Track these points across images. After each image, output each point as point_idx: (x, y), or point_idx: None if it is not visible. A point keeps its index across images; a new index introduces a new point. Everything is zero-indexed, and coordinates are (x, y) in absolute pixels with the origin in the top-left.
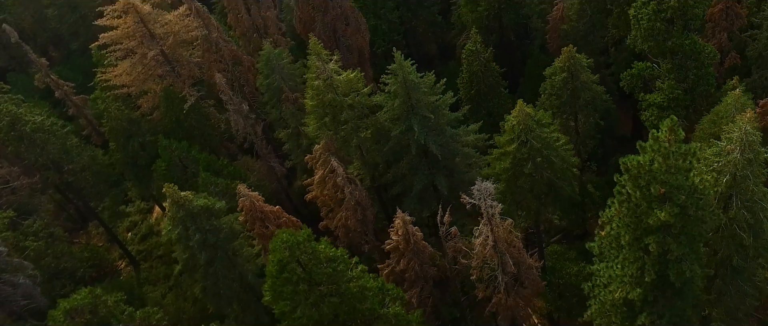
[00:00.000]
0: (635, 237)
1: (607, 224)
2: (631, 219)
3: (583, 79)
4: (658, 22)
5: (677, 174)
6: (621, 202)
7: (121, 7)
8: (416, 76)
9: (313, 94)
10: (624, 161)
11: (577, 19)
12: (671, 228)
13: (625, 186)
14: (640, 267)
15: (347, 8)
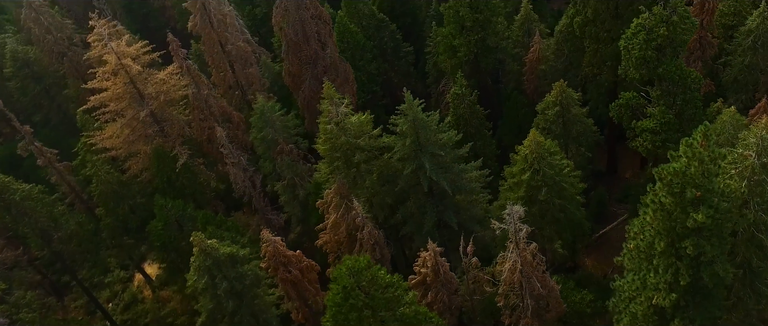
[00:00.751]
0: (669, 242)
1: (636, 237)
2: (665, 225)
3: (574, 113)
4: (649, 50)
5: (710, 178)
6: (654, 211)
7: (112, 68)
8: (424, 115)
9: (326, 138)
10: (658, 171)
11: (555, 58)
12: (704, 230)
13: (657, 194)
14: (675, 272)
15: (336, 59)
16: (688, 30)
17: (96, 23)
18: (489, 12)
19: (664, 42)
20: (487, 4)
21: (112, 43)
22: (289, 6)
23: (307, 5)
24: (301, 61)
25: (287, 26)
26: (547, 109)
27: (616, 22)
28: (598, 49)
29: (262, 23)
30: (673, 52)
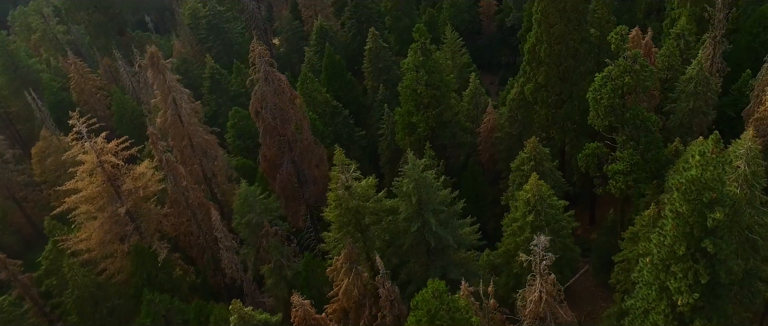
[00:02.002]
0: (688, 246)
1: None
2: (684, 231)
3: (546, 166)
4: (616, 98)
5: (722, 181)
6: (673, 219)
7: (89, 167)
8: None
9: (337, 204)
10: (673, 182)
11: (509, 125)
12: (718, 230)
13: (674, 204)
14: (694, 273)
15: (311, 141)
16: (648, 77)
17: (76, 121)
18: (444, 88)
19: (629, 89)
20: (442, 80)
21: (91, 141)
22: (267, 91)
23: (284, 89)
24: (278, 145)
25: (265, 111)
26: (522, 165)
27: (564, 85)
28: (548, 112)
29: (212, 120)
30: (636, 99)
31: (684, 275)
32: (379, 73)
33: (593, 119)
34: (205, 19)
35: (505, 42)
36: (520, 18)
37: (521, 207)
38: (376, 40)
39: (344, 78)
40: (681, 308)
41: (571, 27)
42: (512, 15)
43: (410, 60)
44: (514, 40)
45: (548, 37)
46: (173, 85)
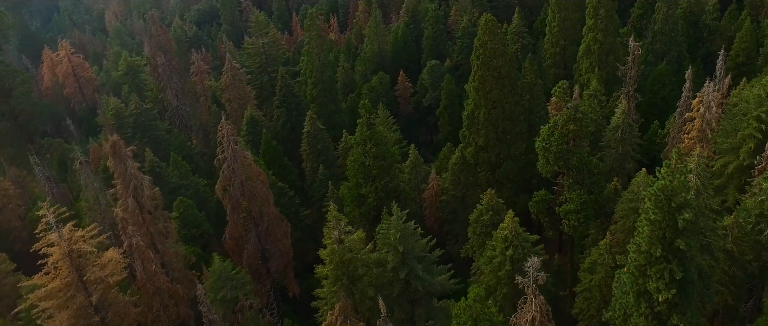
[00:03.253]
0: (663, 247)
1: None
2: (658, 235)
3: (502, 216)
4: (563, 144)
5: (686, 187)
6: (648, 225)
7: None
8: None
9: (332, 258)
10: (646, 193)
11: (453, 188)
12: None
13: (648, 213)
14: (670, 271)
15: (277, 216)
16: (590, 123)
17: (46, 211)
18: (390, 159)
19: (573, 136)
20: (387, 152)
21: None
22: (235, 167)
23: (250, 165)
24: (244, 222)
25: (233, 188)
26: (481, 216)
27: (502, 146)
28: (488, 172)
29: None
30: (579, 145)
31: (661, 275)
32: (318, 153)
33: (542, 166)
34: (131, 118)
35: (422, 121)
36: (438, 97)
37: (499, 245)
38: (314, 122)
39: (282, 162)
40: (659, 307)
41: (506, 92)
42: (429, 95)
43: (357, 134)
44: (432, 118)
45: (486, 102)
46: (134, 172)
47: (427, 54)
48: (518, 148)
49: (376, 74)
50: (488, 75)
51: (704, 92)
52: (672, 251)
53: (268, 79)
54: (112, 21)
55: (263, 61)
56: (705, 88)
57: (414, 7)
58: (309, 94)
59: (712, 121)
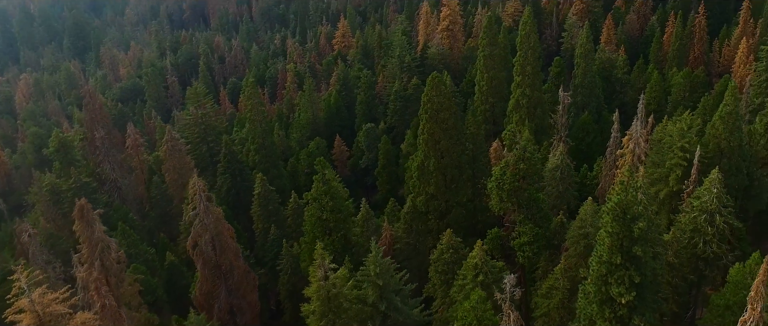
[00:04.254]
0: (622, 255)
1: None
2: (616, 244)
3: (461, 253)
4: (515, 181)
5: (638, 201)
6: (608, 237)
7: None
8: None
9: (318, 295)
10: (605, 208)
11: (407, 236)
12: (640, 239)
13: (606, 226)
14: (629, 276)
15: (246, 268)
16: (537, 162)
17: (19, 276)
18: (346, 212)
19: (524, 174)
20: (343, 206)
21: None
22: (207, 222)
23: (221, 220)
24: (213, 277)
25: (204, 243)
26: (442, 254)
27: (450, 193)
28: (438, 218)
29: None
30: (530, 182)
31: (622, 280)
32: (269, 214)
33: (495, 204)
34: (70, 192)
35: (359, 182)
36: (375, 158)
37: (469, 273)
38: (265, 184)
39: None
40: (621, 311)
41: (452, 142)
42: (365, 156)
43: (314, 190)
44: (370, 178)
45: (435, 152)
46: (101, 235)
47: (360, 118)
48: (465, 194)
49: (312, 140)
50: (436, 127)
51: (633, 130)
52: (630, 258)
53: (207, 149)
54: (23, 103)
55: (202, 131)
56: (633, 127)
57: (344, 76)
58: (251, 159)
59: (641, 154)
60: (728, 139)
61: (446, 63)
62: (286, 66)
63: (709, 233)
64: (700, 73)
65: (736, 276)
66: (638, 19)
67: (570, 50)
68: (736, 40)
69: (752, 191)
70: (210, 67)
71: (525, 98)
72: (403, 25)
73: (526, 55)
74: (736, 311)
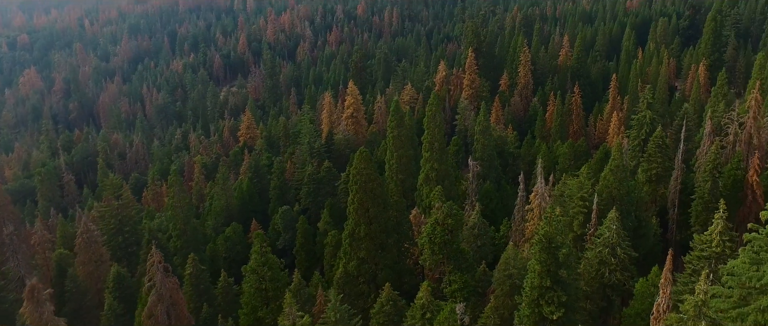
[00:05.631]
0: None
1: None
2: (545, 269)
3: (400, 305)
4: (445, 235)
5: (560, 231)
6: (538, 263)
7: None
8: None
9: None
10: (534, 240)
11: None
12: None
13: (536, 256)
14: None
15: None
16: (461, 218)
17: None
18: (282, 282)
19: (451, 228)
20: (279, 276)
21: None
22: (163, 292)
23: (176, 288)
24: None
25: (159, 313)
26: (383, 307)
27: (381, 254)
28: (369, 284)
29: None
30: (457, 235)
31: (551, 300)
32: (201, 293)
33: (427, 258)
34: None
35: None
36: (292, 238)
37: (417, 313)
38: (197, 264)
39: None
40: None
41: (380, 209)
42: (282, 238)
43: (252, 262)
44: (288, 258)
45: (365, 219)
46: (50, 316)
47: (274, 202)
48: (392, 257)
49: (228, 226)
50: (365, 196)
51: (537, 187)
52: (557, 281)
53: (123, 239)
54: None
55: (117, 222)
56: (538, 186)
57: (255, 164)
58: (173, 245)
59: (547, 207)
60: (618, 188)
61: (352, 147)
62: (194, 158)
63: (613, 263)
64: (582, 143)
65: (641, 288)
66: (522, 101)
67: (464, 131)
68: (607, 115)
69: (641, 231)
70: (109, 163)
71: (434, 172)
72: (309, 115)
73: (433, 133)
74: (645, 317)
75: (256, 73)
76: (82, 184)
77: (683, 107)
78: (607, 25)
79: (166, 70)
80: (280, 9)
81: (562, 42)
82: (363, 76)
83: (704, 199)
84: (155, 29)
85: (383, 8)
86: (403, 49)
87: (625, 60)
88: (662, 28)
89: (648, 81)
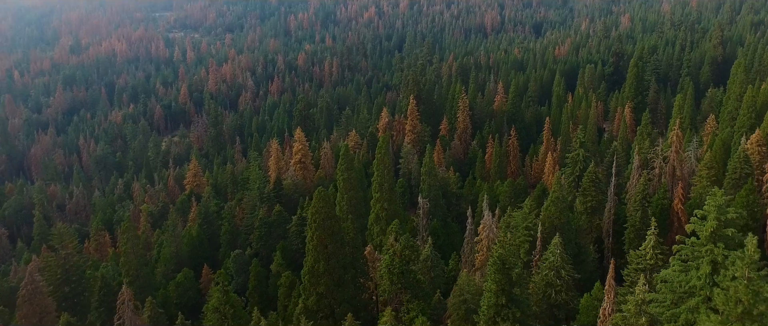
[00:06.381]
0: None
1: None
2: (500, 288)
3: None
4: (403, 265)
5: (515, 254)
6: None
7: None
8: None
9: None
10: (489, 263)
11: None
12: (517, 282)
13: (493, 277)
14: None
15: None
16: (417, 250)
17: None
18: (244, 319)
19: (408, 259)
20: (241, 312)
21: None
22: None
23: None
24: None
25: None
26: None
27: (339, 289)
28: (328, 319)
29: None
30: (414, 266)
31: (507, 317)
32: None
33: (386, 288)
34: None
35: None
36: (245, 281)
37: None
38: (155, 307)
39: None
40: None
41: (338, 246)
42: (234, 281)
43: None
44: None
45: (324, 255)
46: None
47: (225, 247)
48: (350, 292)
49: (178, 272)
50: (324, 233)
51: (485, 220)
52: (511, 299)
53: (70, 290)
54: None
55: (64, 272)
56: (485, 218)
57: (205, 211)
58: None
59: (494, 238)
60: (559, 217)
61: (300, 192)
62: (140, 207)
63: (559, 284)
64: (521, 181)
65: (586, 302)
66: (461, 144)
67: (408, 173)
68: (542, 155)
69: (581, 257)
70: (47, 215)
71: (384, 211)
72: (258, 162)
73: (382, 175)
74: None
75: (198, 123)
76: (15, 238)
77: (612, 145)
78: (538, 72)
79: (105, 121)
80: (222, 60)
81: (497, 88)
82: (307, 124)
83: (636, 227)
84: (92, 80)
85: (323, 59)
86: (344, 98)
87: (556, 104)
88: (589, 75)
89: (578, 123)
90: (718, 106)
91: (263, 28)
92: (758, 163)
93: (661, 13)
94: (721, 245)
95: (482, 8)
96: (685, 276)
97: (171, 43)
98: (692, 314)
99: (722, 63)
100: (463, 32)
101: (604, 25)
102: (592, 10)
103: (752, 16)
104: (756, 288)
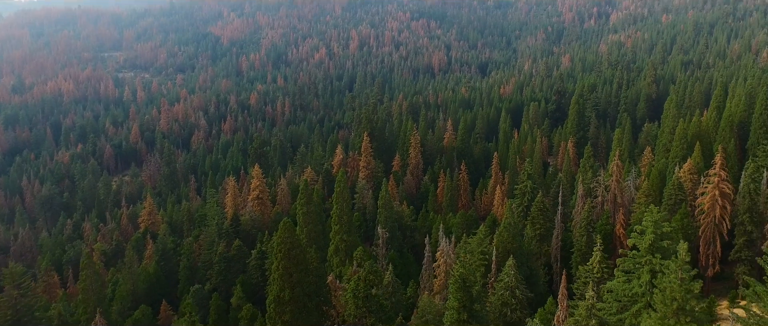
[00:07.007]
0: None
1: None
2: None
3: None
4: (368, 289)
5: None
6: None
7: None
8: None
9: None
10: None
11: None
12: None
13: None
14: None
15: None
16: (380, 275)
17: None
18: None
19: (372, 284)
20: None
21: None
22: None
23: None
24: None
25: None
26: None
27: (304, 316)
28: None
29: None
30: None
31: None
32: None
33: (352, 312)
34: None
35: None
36: (204, 316)
37: None
38: None
39: None
40: None
41: (302, 275)
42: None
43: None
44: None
45: (290, 284)
46: None
47: (183, 283)
48: (314, 319)
49: (135, 309)
50: (289, 263)
51: (442, 247)
52: (472, 315)
53: None
54: None
55: (14, 313)
56: (442, 245)
57: (163, 248)
58: None
59: (451, 263)
60: (511, 242)
61: (258, 227)
62: (93, 245)
63: (514, 303)
64: (472, 213)
65: (540, 316)
66: (414, 179)
67: (363, 208)
68: (491, 188)
69: (532, 279)
70: None
71: (343, 243)
72: (215, 198)
73: (341, 208)
74: None
75: (150, 162)
76: None
77: (557, 177)
78: (484, 110)
79: (50, 161)
80: (173, 100)
81: (446, 126)
82: (262, 162)
83: (582, 250)
84: (36, 120)
85: (275, 98)
86: (297, 136)
87: (503, 140)
88: (534, 112)
89: (525, 157)
90: (654, 139)
91: (215, 68)
92: (690, 189)
93: (598, 54)
94: (658, 256)
95: (429, 49)
96: (629, 285)
97: (121, 83)
98: (636, 318)
99: (656, 99)
100: (412, 72)
101: (546, 65)
102: (535, 50)
103: (682, 56)
104: (687, 287)
